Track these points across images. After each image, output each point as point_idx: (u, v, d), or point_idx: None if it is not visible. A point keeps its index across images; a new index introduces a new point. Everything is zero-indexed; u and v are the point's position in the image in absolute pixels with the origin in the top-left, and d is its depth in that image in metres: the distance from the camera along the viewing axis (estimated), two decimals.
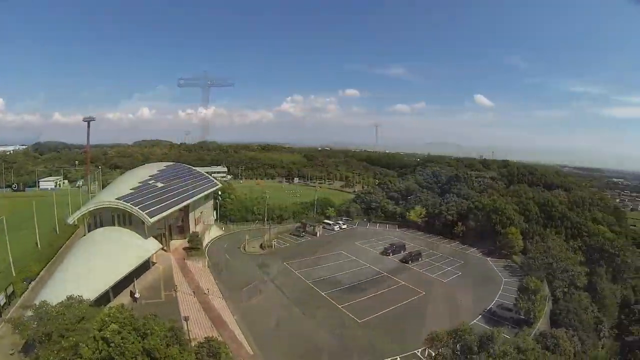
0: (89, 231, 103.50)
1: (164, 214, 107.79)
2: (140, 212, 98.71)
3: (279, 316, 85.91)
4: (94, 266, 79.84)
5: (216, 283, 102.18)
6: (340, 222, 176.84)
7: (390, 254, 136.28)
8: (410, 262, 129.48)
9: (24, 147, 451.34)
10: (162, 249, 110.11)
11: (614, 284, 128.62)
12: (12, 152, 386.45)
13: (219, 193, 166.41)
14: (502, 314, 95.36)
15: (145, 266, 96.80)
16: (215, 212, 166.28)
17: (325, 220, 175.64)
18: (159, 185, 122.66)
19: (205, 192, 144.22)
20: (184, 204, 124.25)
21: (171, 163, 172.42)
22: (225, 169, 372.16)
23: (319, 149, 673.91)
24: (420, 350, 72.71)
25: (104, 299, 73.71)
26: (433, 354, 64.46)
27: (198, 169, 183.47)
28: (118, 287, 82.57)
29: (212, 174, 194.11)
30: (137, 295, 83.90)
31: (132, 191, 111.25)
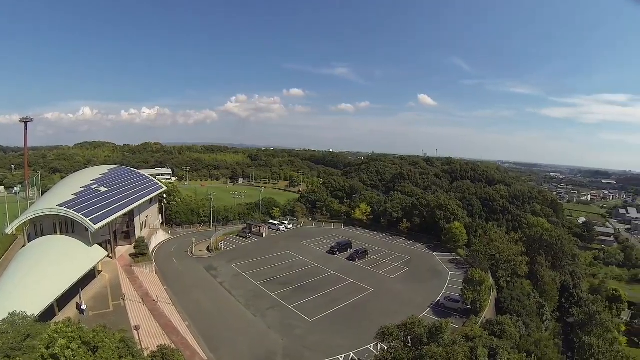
0: (29, 241, 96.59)
1: (109, 219, 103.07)
2: (84, 218, 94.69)
3: (231, 319, 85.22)
4: (37, 278, 74.40)
5: (165, 289, 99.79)
6: (286, 222, 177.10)
7: (337, 253, 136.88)
8: (357, 259, 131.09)
9: None
10: (108, 256, 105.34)
11: (554, 271, 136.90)
12: None
13: (164, 196, 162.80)
14: (450, 305, 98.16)
15: (90, 275, 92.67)
16: (160, 216, 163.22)
17: (271, 221, 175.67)
18: (103, 189, 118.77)
19: (150, 196, 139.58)
20: (129, 208, 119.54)
21: (114, 166, 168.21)
22: (170, 171, 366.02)
23: (263, 149, 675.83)
24: (372, 345, 73.81)
25: (48, 313, 68.80)
26: (385, 348, 65.39)
27: (142, 171, 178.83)
28: (63, 300, 77.09)
29: (157, 177, 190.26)
30: (83, 306, 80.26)
31: (74, 197, 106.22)
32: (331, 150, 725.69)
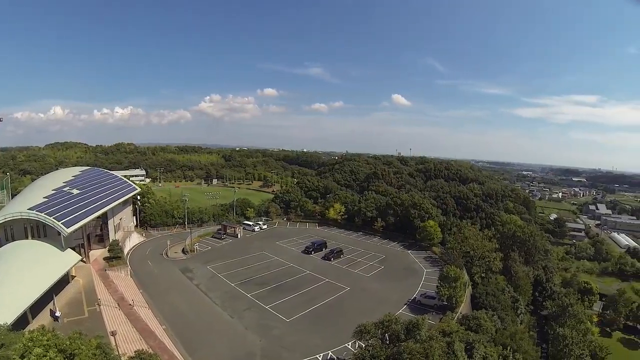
0: None
1: (82, 222, 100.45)
2: (56, 222, 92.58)
3: (208, 321, 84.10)
4: (8, 286, 71.10)
5: (141, 292, 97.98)
6: (260, 222, 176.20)
7: (312, 252, 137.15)
8: (332, 259, 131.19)
9: None
10: (82, 260, 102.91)
11: (527, 266, 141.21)
12: None
13: (138, 198, 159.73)
14: (426, 302, 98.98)
15: (64, 281, 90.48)
16: (135, 218, 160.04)
17: (245, 222, 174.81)
18: (75, 192, 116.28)
19: (124, 198, 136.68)
20: (103, 210, 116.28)
21: (87, 167, 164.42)
22: (144, 172, 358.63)
23: (237, 149, 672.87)
24: (350, 343, 74.12)
25: (21, 321, 66.17)
26: (363, 346, 65.80)
27: (115, 172, 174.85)
28: (36, 307, 74.06)
29: (130, 178, 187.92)
30: (57, 313, 78.03)
31: (45, 199, 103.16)
32: (305, 150, 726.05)
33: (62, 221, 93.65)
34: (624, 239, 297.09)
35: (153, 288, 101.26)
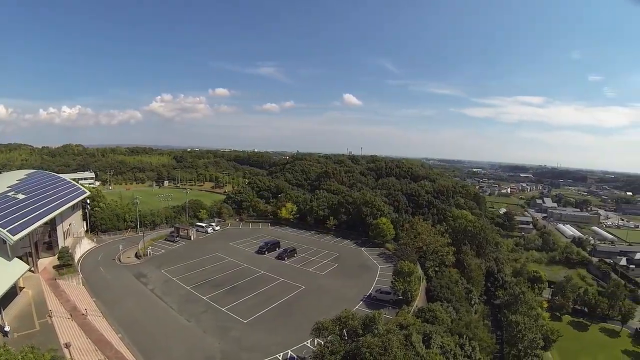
0: None
1: (29, 229, 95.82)
2: (1, 229, 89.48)
3: (165, 327, 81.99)
4: None
5: (94, 301, 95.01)
6: (213, 223, 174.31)
7: (266, 252, 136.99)
8: (286, 258, 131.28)
9: None
10: (30, 270, 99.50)
11: (479, 258, 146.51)
12: None
13: (88, 201, 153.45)
14: (382, 297, 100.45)
15: (11, 293, 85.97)
16: (85, 223, 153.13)
17: (198, 223, 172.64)
18: (20, 196, 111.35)
19: (73, 202, 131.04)
20: (51, 216, 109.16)
21: (33, 170, 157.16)
22: (93, 175, 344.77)
23: (189, 150, 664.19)
24: (309, 341, 74.38)
25: None
26: (322, 343, 66.18)
27: (63, 175, 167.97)
28: None
29: (79, 181, 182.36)
30: (6, 328, 74.07)
31: None
32: (256, 150, 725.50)
33: (7, 228, 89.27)
34: (569, 230, 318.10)
35: (107, 296, 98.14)
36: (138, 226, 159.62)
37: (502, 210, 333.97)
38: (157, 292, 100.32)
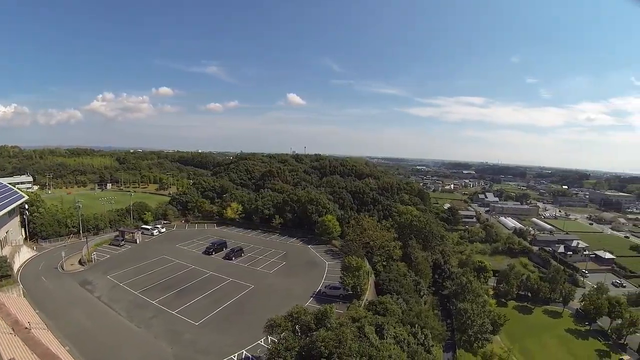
0: None
1: None
2: None
3: (115, 335, 78.63)
4: None
5: (37, 313, 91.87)
6: (159, 225, 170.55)
7: (213, 253, 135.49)
8: (233, 258, 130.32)
9: None
10: None
11: (425, 252, 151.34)
12: None
13: (26, 207, 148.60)
14: (332, 293, 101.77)
15: None
16: (23, 230, 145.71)
17: (144, 226, 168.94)
18: None
19: (10, 207, 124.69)
20: None
21: None
22: (31, 179, 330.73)
23: (132, 151, 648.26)
24: (262, 340, 74.44)
25: None
26: (276, 340, 66.28)
27: None
28: None
29: (16, 185, 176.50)
30: None
31: None
32: (200, 151, 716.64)
33: None
34: (511, 222, 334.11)
35: (50, 306, 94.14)
36: (81, 231, 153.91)
37: (447, 206, 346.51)
38: (104, 299, 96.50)
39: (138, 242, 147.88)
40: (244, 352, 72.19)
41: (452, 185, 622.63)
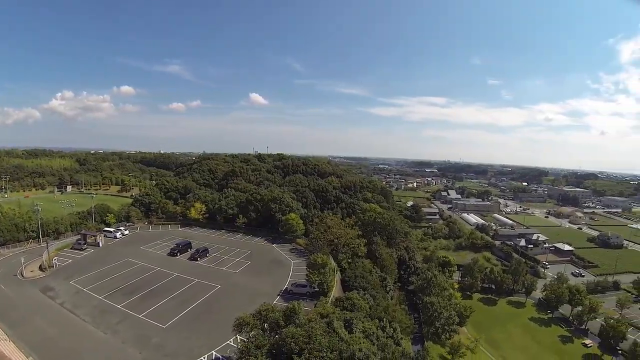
0: None
1: None
2: None
3: (80, 342, 76.24)
4: None
5: None
6: (122, 228, 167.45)
7: (178, 254, 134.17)
8: (198, 259, 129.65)
9: None
10: None
11: (390, 248, 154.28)
12: None
13: None
14: (298, 291, 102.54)
15: None
16: None
17: (106, 228, 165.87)
18: None
19: None
20: None
21: None
22: None
23: (92, 152, 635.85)
24: (232, 339, 74.47)
25: None
26: (245, 340, 66.41)
27: None
28: None
29: None
30: None
31: None
32: (162, 151, 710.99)
33: None
34: (473, 218, 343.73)
35: (11, 316, 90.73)
36: (41, 236, 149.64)
37: (410, 203, 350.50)
38: (68, 306, 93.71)
39: (101, 245, 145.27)
40: (214, 352, 72.25)
41: (414, 184, 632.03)
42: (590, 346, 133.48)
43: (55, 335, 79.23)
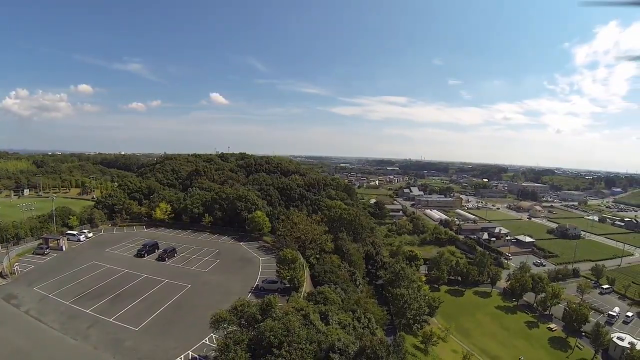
0: None
1: None
2: None
3: (50, 351, 73.53)
4: None
5: None
6: (86, 230, 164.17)
7: (145, 255, 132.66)
8: (166, 259, 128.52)
9: None
10: None
11: (357, 243, 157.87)
12: None
13: None
14: (269, 287, 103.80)
15: None
16: None
17: (69, 232, 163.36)
18: None
19: None
20: None
21: None
22: None
23: (50, 154, 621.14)
24: (207, 339, 75.16)
25: None
26: (222, 337, 66.78)
27: None
28: None
29: None
30: None
31: None
32: (123, 152, 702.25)
33: None
34: (436, 214, 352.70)
35: None
36: None
37: (373, 201, 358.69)
38: (33, 313, 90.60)
39: (64, 249, 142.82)
40: (190, 352, 72.21)
41: (377, 182, 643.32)
42: (555, 330, 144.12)
43: (22, 345, 76.07)
